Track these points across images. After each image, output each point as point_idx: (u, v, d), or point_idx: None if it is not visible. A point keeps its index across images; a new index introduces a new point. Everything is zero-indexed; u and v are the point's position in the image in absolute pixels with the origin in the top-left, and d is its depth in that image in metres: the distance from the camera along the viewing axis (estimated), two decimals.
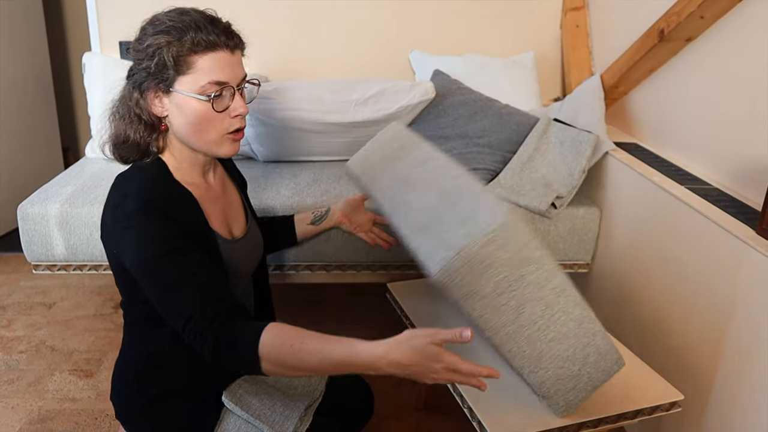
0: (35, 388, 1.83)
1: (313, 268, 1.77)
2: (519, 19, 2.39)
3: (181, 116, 1.06)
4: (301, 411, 1.19)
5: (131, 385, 1.17)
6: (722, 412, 1.28)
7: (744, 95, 1.46)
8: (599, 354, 1.07)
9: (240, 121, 1.10)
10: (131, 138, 1.08)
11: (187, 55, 1.02)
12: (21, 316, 2.21)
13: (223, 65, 1.05)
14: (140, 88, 1.06)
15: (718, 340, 1.29)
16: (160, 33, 1.02)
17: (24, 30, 2.85)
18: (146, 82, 1.04)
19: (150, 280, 1.01)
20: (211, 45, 1.03)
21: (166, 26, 1.02)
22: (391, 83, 1.94)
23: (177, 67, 1.02)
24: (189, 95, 1.04)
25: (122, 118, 1.09)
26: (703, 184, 1.52)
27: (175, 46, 1.01)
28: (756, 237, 1.22)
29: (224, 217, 1.19)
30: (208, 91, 1.04)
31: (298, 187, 1.82)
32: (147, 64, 1.03)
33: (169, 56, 1.01)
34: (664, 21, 1.66)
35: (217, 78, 1.04)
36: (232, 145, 1.12)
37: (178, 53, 1.01)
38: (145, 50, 1.03)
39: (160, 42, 1.01)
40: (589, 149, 1.77)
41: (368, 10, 2.33)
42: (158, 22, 1.04)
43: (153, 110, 1.07)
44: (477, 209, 0.98)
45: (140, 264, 1.01)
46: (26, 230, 1.71)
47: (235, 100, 1.08)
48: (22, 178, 2.87)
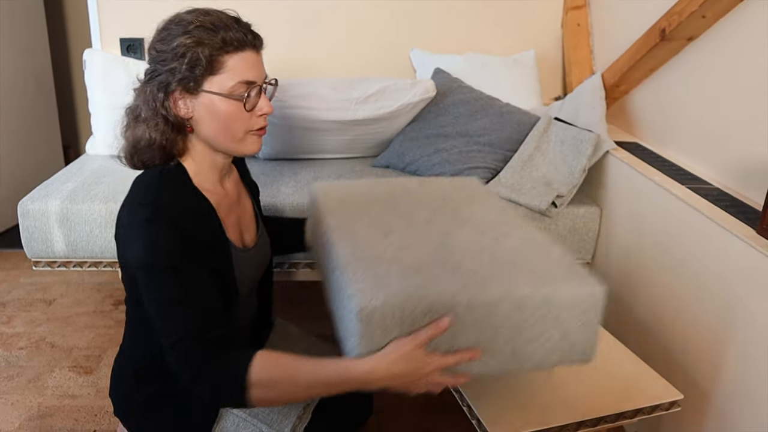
0: (35, 385, 1.83)
1: (314, 266, 1.77)
2: (520, 18, 2.39)
3: (210, 116, 1.04)
4: (299, 409, 1.19)
5: (131, 382, 1.17)
6: (722, 412, 1.28)
7: (745, 95, 1.46)
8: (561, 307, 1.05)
9: (264, 119, 1.10)
10: (157, 141, 1.05)
11: (218, 54, 1.00)
12: (21, 312, 2.22)
13: (251, 65, 1.04)
14: (166, 90, 1.03)
15: (718, 340, 1.29)
16: (187, 33, 1.00)
17: (24, 27, 2.85)
18: (173, 83, 1.02)
19: (150, 291, 1.00)
20: (241, 44, 1.02)
21: (194, 26, 1.00)
22: (391, 81, 1.94)
23: (207, 68, 1.01)
24: (219, 95, 1.02)
25: (145, 122, 1.06)
26: (703, 183, 1.52)
27: (207, 45, 0.99)
28: (756, 237, 1.22)
29: (238, 225, 1.18)
30: (237, 91, 1.03)
31: (299, 185, 1.82)
32: (176, 64, 1.00)
33: (200, 57, 0.99)
34: (665, 20, 1.66)
35: (247, 78, 1.03)
36: (257, 142, 1.11)
37: (210, 53, 1.00)
38: (172, 50, 1.00)
39: (189, 42, 0.99)
40: (590, 148, 1.77)
41: (369, 9, 2.32)
42: (184, 22, 1.01)
43: (178, 112, 1.05)
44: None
45: (145, 273, 1.00)
46: (26, 227, 1.71)
47: (261, 99, 1.07)
48: (23, 175, 2.87)
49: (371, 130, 1.97)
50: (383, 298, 0.95)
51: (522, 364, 1.05)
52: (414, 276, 1.01)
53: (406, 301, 0.96)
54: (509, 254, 1.09)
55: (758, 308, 1.18)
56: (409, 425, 1.70)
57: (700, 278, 1.35)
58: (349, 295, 0.97)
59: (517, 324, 1.01)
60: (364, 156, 2.10)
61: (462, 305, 0.98)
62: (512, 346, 1.02)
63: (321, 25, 2.32)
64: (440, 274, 1.02)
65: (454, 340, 0.99)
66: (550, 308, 1.01)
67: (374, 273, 1.01)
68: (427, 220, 1.21)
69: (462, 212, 1.25)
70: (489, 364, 1.03)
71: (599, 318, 1.04)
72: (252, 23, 1.08)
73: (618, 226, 1.72)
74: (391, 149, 1.99)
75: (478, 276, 1.02)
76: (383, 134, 2.01)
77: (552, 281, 1.03)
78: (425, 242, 1.12)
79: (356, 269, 1.02)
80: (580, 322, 1.04)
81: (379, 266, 1.04)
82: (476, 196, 1.34)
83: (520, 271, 1.04)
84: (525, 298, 1.00)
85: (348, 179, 1.85)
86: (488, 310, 0.99)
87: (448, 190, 1.37)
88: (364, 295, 0.96)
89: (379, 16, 2.34)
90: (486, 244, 1.12)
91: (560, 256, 1.10)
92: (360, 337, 0.96)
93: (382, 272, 1.02)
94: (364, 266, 1.03)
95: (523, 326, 1.01)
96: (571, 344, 1.05)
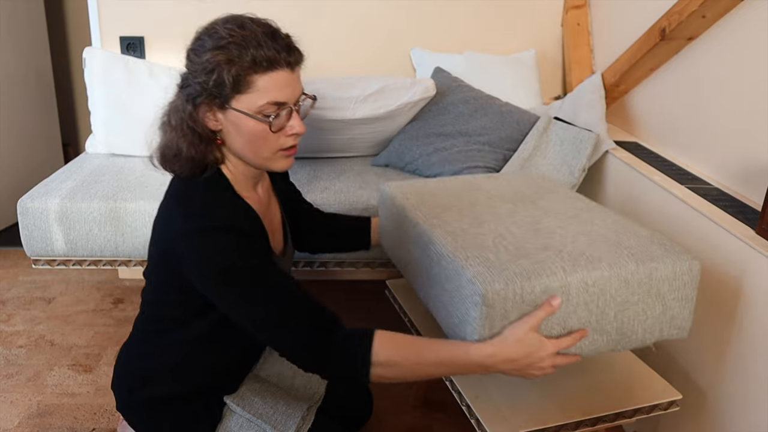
0: (34, 383, 1.83)
1: (313, 265, 1.77)
2: (520, 17, 2.39)
3: (236, 133, 1.03)
4: (303, 410, 1.19)
5: (136, 381, 1.17)
6: (720, 412, 1.29)
7: (744, 95, 1.46)
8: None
9: (294, 138, 1.07)
10: (184, 152, 1.03)
11: (247, 74, 0.97)
12: (20, 310, 2.22)
13: (282, 85, 1.00)
14: (194, 102, 1.02)
15: (717, 340, 1.29)
16: (219, 48, 0.97)
17: (25, 25, 2.85)
18: (201, 96, 1.00)
19: (232, 294, 0.99)
20: (272, 64, 0.98)
21: (226, 41, 0.97)
22: (391, 80, 1.94)
23: (235, 86, 0.98)
24: (246, 114, 1.00)
25: (174, 129, 1.05)
26: (703, 183, 1.52)
27: (235, 64, 0.97)
28: (755, 237, 1.22)
29: (271, 230, 1.17)
30: (265, 111, 1.00)
31: (298, 183, 1.81)
32: (204, 78, 0.98)
33: (228, 75, 0.97)
34: (665, 20, 1.66)
35: (276, 98, 1.00)
36: (286, 161, 1.09)
37: (238, 72, 0.97)
38: (202, 64, 0.98)
39: (219, 59, 0.97)
40: (590, 148, 1.77)
41: (369, 8, 2.32)
42: (217, 36, 0.98)
43: (207, 124, 1.03)
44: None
45: (221, 277, 0.98)
46: (26, 225, 1.71)
47: (292, 119, 1.04)
48: (23, 173, 2.87)
49: (371, 129, 1.97)
50: (504, 282, 0.99)
51: (627, 340, 1.09)
52: (523, 259, 1.05)
53: (525, 283, 0.99)
54: (603, 236, 1.14)
55: (757, 308, 1.18)
56: (409, 424, 1.70)
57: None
58: (469, 280, 1.00)
59: (623, 300, 1.05)
60: (363, 155, 2.10)
61: (575, 285, 1.01)
62: (619, 322, 1.07)
63: (321, 23, 2.32)
64: (547, 258, 1.06)
65: (566, 320, 1.03)
66: (653, 283, 1.06)
67: (486, 259, 1.05)
68: (512, 211, 1.25)
69: (539, 203, 1.30)
70: (598, 342, 1.07)
71: (695, 291, 1.10)
72: (293, 36, 1.03)
73: None
74: (391, 148, 1.99)
75: (583, 257, 1.06)
76: (383, 133, 2.01)
77: (653, 257, 1.08)
78: (520, 230, 1.16)
79: (468, 257, 1.05)
80: (679, 296, 1.09)
81: (488, 253, 1.07)
82: (544, 187, 1.40)
83: (619, 250, 1.09)
84: (631, 274, 1.04)
85: (348, 178, 1.85)
86: (599, 288, 1.03)
87: (517, 184, 1.42)
88: (484, 279, 0.99)
89: (379, 15, 2.34)
90: (578, 228, 1.17)
91: (650, 234, 1.16)
92: (483, 321, 0.99)
93: (493, 258, 1.05)
94: (475, 254, 1.06)
95: (629, 302, 1.06)
96: (670, 318, 1.10)
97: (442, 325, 1.13)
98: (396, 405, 1.76)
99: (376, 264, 1.78)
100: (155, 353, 1.16)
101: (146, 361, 1.17)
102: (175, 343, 1.14)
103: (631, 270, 1.05)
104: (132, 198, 1.70)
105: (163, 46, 2.29)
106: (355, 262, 1.77)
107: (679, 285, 1.09)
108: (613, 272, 1.04)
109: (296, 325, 0.99)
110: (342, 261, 1.77)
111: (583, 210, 1.27)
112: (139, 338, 1.20)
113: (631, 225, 1.20)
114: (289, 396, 1.22)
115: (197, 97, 1.01)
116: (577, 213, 1.25)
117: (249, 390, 1.19)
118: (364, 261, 1.77)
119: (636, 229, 1.18)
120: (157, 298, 1.15)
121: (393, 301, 1.56)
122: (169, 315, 1.13)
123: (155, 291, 1.15)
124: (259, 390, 1.20)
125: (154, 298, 1.16)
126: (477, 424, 1.16)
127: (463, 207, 1.28)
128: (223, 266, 0.98)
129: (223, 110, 1.02)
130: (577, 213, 1.25)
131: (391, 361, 0.99)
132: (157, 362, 1.15)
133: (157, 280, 1.13)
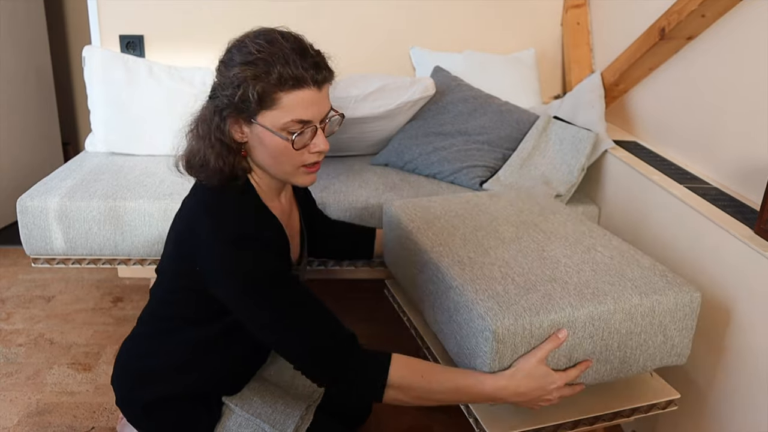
0: (34, 381, 1.83)
1: (312, 264, 1.77)
2: (520, 16, 2.39)
3: (261, 146, 1.04)
4: (302, 409, 1.19)
5: (135, 380, 1.17)
6: (718, 411, 1.29)
7: (744, 94, 1.46)
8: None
9: (318, 156, 1.07)
10: (211, 163, 1.04)
11: (273, 91, 0.98)
12: (20, 309, 2.22)
13: (308, 104, 1.00)
14: (221, 114, 1.03)
15: (716, 339, 1.29)
16: (247, 64, 0.98)
17: (24, 24, 2.84)
18: (227, 109, 1.01)
19: (258, 308, 1.00)
20: (298, 82, 0.98)
21: (254, 57, 0.98)
22: (391, 79, 1.94)
23: (261, 102, 0.99)
24: (270, 130, 1.01)
25: (201, 139, 1.05)
26: (701, 183, 1.52)
27: (262, 81, 0.97)
28: (754, 236, 1.22)
29: (291, 237, 1.18)
30: (290, 129, 1.01)
31: None
32: (231, 92, 0.99)
33: (253, 91, 0.97)
34: (665, 19, 1.66)
35: (301, 117, 1.00)
36: (308, 177, 1.09)
37: (263, 89, 0.98)
38: (230, 78, 0.99)
39: (246, 75, 0.97)
40: (589, 147, 1.77)
41: (369, 7, 2.32)
42: (245, 50, 0.99)
43: (234, 136, 1.04)
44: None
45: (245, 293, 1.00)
46: (25, 223, 1.71)
47: (317, 137, 1.04)
48: (22, 172, 2.87)
49: (370, 128, 1.97)
50: (514, 317, 1.03)
51: (629, 368, 1.14)
52: (531, 293, 1.09)
53: (534, 318, 1.03)
54: (606, 266, 1.19)
55: (755, 307, 1.18)
56: (408, 424, 1.70)
57: (698, 277, 1.36)
58: (479, 315, 1.04)
59: (627, 331, 1.10)
60: (363, 154, 2.10)
61: (581, 319, 1.06)
62: (622, 352, 1.11)
63: (321, 22, 2.32)
64: (554, 290, 1.10)
65: (572, 352, 1.07)
66: (656, 315, 1.11)
67: (495, 292, 1.09)
68: (516, 237, 1.30)
69: (542, 225, 1.36)
70: (601, 372, 1.12)
71: (695, 321, 1.15)
72: (325, 53, 1.04)
73: (616, 225, 1.72)
74: (390, 147, 1.99)
75: (588, 290, 1.10)
76: (382, 132, 2.00)
77: (656, 289, 1.12)
78: (526, 259, 1.21)
79: (477, 290, 1.10)
80: (680, 326, 1.14)
81: (497, 285, 1.11)
82: (546, 208, 1.45)
83: (623, 282, 1.13)
84: (635, 307, 1.09)
85: (347, 177, 1.85)
86: (604, 322, 1.07)
87: (519, 203, 1.48)
88: (495, 314, 1.03)
89: (379, 14, 2.34)
90: (581, 257, 1.22)
91: (652, 264, 1.20)
92: (493, 355, 1.02)
93: (501, 291, 1.10)
94: (484, 286, 1.11)
95: (632, 333, 1.10)
96: (671, 347, 1.15)
97: (450, 353, 1.17)
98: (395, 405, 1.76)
99: (375, 263, 1.78)
100: (160, 352, 1.16)
101: (149, 360, 1.17)
102: (183, 343, 1.14)
103: (635, 303, 1.09)
104: (131, 197, 1.70)
105: (163, 45, 2.29)
106: (354, 261, 1.78)
107: (680, 316, 1.13)
108: (618, 306, 1.08)
109: (316, 340, 1.01)
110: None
111: (586, 234, 1.31)
112: (146, 335, 1.20)
113: (632, 253, 1.24)
114: (289, 395, 1.22)
115: (224, 109, 1.02)
116: (580, 238, 1.30)
117: (248, 389, 1.19)
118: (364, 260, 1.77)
119: (638, 258, 1.22)
120: (169, 297, 1.15)
121: (392, 300, 1.56)
122: (181, 314, 1.14)
123: (169, 289, 1.15)
124: (258, 389, 1.20)
125: (166, 296, 1.16)
126: (475, 424, 1.16)
127: (467, 232, 1.32)
128: (247, 275, 0.99)
129: (249, 124, 1.02)
130: (579, 238, 1.30)
131: (406, 385, 1.01)
132: (161, 361, 1.15)
133: (171, 278, 1.14)
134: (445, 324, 1.17)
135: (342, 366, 1.01)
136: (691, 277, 1.38)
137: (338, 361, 1.01)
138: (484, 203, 1.48)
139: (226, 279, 1.01)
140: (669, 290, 1.12)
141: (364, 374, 1.01)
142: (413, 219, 1.38)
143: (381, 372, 1.00)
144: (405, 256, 1.36)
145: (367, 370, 1.01)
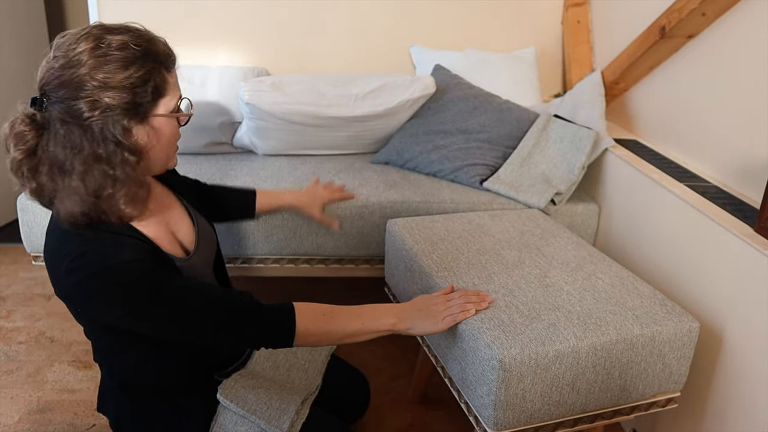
0: (34, 379, 1.83)
1: (312, 262, 1.78)
2: (520, 15, 2.38)
3: (155, 140, 1.01)
4: (297, 404, 1.19)
5: (118, 394, 1.16)
6: (718, 409, 1.29)
7: (744, 93, 1.46)
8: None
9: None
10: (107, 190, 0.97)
11: (163, 77, 1.01)
12: (20, 307, 2.22)
13: (176, 79, 1.06)
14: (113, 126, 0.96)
15: (715, 337, 1.29)
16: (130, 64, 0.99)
17: (25, 24, 2.84)
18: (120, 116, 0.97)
19: (158, 314, 0.98)
20: (173, 61, 1.04)
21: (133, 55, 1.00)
22: (391, 78, 1.94)
23: (156, 93, 1.00)
24: (167, 116, 1.02)
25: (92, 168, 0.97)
26: (701, 181, 1.52)
27: (155, 72, 1.00)
28: (754, 234, 1.22)
29: (171, 234, 1.11)
30: (175, 109, 1.04)
31: (298, 180, 1.82)
32: (120, 96, 0.96)
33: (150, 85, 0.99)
34: (665, 18, 1.66)
35: (180, 93, 1.05)
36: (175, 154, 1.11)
37: (159, 78, 1.01)
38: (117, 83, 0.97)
39: (139, 74, 0.98)
40: (589, 145, 1.77)
41: (369, 5, 2.32)
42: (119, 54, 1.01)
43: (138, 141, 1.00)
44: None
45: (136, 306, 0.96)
46: (26, 221, 1.71)
47: (182, 103, 1.08)
48: None
49: (370, 127, 1.97)
50: (520, 347, 1.05)
51: (628, 396, 1.17)
52: (536, 322, 1.12)
53: (539, 348, 1.06)
54: (608, 294, 1.22)
55: (755, 306, 1.18)
56: (406, 420, 1.70)
57: (697, 275, 1.36)
58: (486, 344, 1.07)
59: (628, 360, 1.12)
60: (363, 152, 2.10)
61: (585, 350, 1.08)
62: (623, 380, 1.14)
63: (321, 21, 2.32)
64: (558, 320, 1.13)
65: (576, 381, 1.10)
66: (655, 345, 1.14)
67: (501, 321, 1.12)
68: (519, 261, 1.34)
69: (544, 249, 1.39)
70: (602, 399, 1.15)
71: (693, 350, 1.18)
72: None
73: (616, 223, 1.72)
74: (390, 146, 1.99)
75: (591, 319, 1.13)
76: (382, 131, 2.01)
77: (656, 319, 1.15)
78: (530, 287, 1.23)
79: (482, 318, 1.13)
80: (678, 355, 1.17)
81: (502, 314, 1.14)
82: (547, 230, 1.49)
83: (624, 312, 1.16)
84: (636, 337, 1.12)
85: (348, 175, 1.86)
86: (606, 352, 1.10)
87: (520, 224, 1.52)
88: (501, 344, 1.06)
89: (379, 12, 2.34)
90: (583, 284, 1.25)
91: (652, 293, 1.23)
92: (500, 384, 1.05)
93: (507, 320, 1.12)
94: (489, 314, 1.14)
95: (633, 362, 1.13)
96: (668, 375, 1.18)
97: (455, 378, 1.20)
98: (395, 402, 1.76)
99: (375, 261, 1.79)
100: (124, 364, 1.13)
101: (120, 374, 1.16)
102: (132, 359, 1.12)
103: (636, 334, 1.12)
104: None
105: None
106: (354, 259, 1.78)
107: (679, 345, 1.16)
108: (620, 336, 1.11)
109: (219, 320, 1.02)
110: (341, 258, 1.77)
111: (587, 260, 1.35)
112: (104, 358, 1.17)
113: (632, 280, 1.27)
114: (284, 390, 1.22)
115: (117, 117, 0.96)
116: (581, 264, 1.33)
117: (242, 386, 1.19)
118: (364, 258, 1.78)
119: (637, 286, 1.25)
120: (93, 330, 1.11)
121: (392, 299, 1.57)
122: (109, 338, 1.10)
123: (87, 326, 1.10)
124: (253, 386, 1.20)
125: (91, 330, 1.11)
126: (475, 422, 1.16)
127: (471, 255, 1.35)
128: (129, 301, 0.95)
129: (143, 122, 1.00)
130: (580, 264, 1.33)
131: (309, 332, 1.06)
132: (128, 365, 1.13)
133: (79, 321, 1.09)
134: (449, 348, 1.20)
135: (254, 326, 1.04)
136: (690, 275, 1.38)
137: (249, 323, 1.03)
138: (487, 224, 1.51)
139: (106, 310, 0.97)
140: (668, 320, 1.15)
141: (278, 325, 1.05)
142: (417, 240, 1.41)
143: (289, 321, 1.04)
144: (409, 277, 1.40)
145: (280, 321, 1.05)
